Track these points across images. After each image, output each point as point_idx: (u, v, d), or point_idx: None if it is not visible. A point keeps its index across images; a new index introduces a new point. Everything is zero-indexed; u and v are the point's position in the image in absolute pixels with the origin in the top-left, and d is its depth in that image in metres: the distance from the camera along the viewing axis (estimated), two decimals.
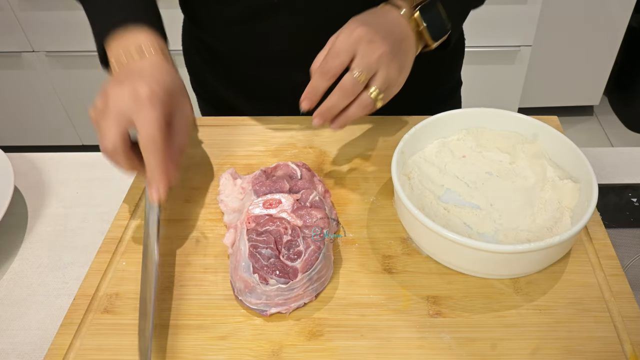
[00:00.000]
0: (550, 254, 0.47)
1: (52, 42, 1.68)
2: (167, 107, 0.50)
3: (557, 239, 0.44)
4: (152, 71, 0.51)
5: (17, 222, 0.61)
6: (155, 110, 0.48)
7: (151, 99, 0.48)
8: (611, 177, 0.65)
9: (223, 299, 0.49)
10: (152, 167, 0.48)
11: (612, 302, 0.47)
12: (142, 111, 0.47)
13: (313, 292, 0.47)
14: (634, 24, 1.80)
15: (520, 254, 0.45)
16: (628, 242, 0.61)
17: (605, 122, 2.05)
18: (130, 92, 0.48)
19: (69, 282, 0.54)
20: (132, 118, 0.48)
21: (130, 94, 0.48)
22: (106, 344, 0.46)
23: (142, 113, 0.47)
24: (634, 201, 0.64)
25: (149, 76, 0.50)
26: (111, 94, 0.49)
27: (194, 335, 0.46)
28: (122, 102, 0.48)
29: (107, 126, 0.48)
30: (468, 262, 0.48)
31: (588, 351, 0.44)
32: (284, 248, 0.47)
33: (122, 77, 0.50)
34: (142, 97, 0.47)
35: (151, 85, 0.48)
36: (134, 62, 0.52)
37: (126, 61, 0.52)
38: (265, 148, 0.65)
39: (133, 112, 0.47)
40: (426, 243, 0.50)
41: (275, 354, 0.44)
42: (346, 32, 0.50)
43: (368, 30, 0.50)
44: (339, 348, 0.45)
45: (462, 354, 0.44)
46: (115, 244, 0.54)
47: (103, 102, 0.49)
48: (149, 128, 0.47)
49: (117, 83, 0.49)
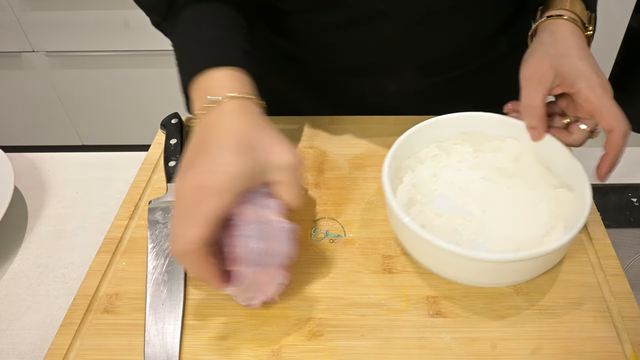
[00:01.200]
0: (538, 264, 0.46)
1: (52, 42, 1.68)
2: (239, 193, 0.41)
3: (544, 249, 0.43)
4: (226, 135, 0.42)
5: (17, 222, 0.61)
6: (216, 204, 0.40)
7: (222, 187, 0.40)
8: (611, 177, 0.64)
9: (223, 299, 0.49)
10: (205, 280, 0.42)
11: (612, 302, 0.47)
12: (202, 205, 0.40)
13: None
14: (634, 24, 1.80)
15: (505, 263, 0.43)
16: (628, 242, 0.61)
17: None
18: (193, 190, 0.40)
19: (69, 282, 0.54)
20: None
21: (192, 192, 0.40)
22: (106, 344, 0.46)
23: (202, 210, 0.40)
24: (634, 201, 0.64)
25: (222, 146, 0.41)
26: (180, 183, 0.42)
27: (194, 335, 0.46)
28: (187, 199, 0.40)
29: (175, 222, 0.41)
30: (453, 270, 0.47)
31: (588, 351, 0.44)
32: None
33: (196, 145, 0.43)
34: (205, 187, 0.40)
35: (226, 165, 0.40)
36: (206, 115, 0.44)
37: (205, 112, 0.44)
38: None
39: (195, 209, 0.40)
40: (412, 248, 0.49)
41: (275, 354, 0.44)
42: (599, 90, 0.48)
43: (604, 78, 0.49)
44: (339, 348, 0.45)
45: (462, 354, 0.44)
46: (115, 244, 0.54)
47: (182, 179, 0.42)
48: (200, 229, 0.39)
49: (188, 168, 0.42)
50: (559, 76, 0.50)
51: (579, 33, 0.52)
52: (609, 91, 0.49)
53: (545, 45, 0.52)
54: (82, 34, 1.64)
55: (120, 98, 1.82)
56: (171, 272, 0.50)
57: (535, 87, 0.51)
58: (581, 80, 0.49)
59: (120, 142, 1.96)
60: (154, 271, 0.51)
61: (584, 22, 0.53)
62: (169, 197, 0.57)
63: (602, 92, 0.48)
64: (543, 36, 0.53)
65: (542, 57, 0.51)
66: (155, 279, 0.50)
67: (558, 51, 0.51)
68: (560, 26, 0.52)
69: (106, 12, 1.58)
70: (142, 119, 1.87)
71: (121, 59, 1.70)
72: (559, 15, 0.53)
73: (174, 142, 0.62)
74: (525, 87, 0.52)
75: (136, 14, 1.58)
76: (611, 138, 0.48)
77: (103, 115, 1.88)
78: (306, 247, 0.53)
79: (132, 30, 1.63)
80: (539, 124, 0.52)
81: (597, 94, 0.48)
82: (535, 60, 0.52)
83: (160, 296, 0.49)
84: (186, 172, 0.42)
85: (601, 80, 0.49)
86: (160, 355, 0.44)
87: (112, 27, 1.62)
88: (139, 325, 0.47)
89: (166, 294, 0.49)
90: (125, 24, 1.61)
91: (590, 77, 0.49)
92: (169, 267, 0.51)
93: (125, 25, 1.61)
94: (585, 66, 0.49)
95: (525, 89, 0.52)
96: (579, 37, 0.52)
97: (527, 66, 0.52)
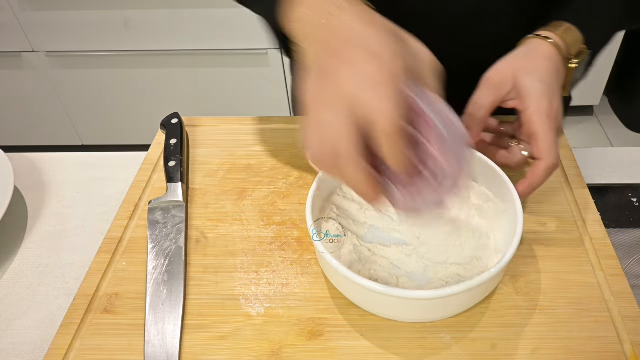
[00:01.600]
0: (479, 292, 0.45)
1: (52, 42, 1.68)
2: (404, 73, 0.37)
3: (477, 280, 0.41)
4: (371, 27, 0.37)
5: (17, 222, 0.61)
6: (397, 84, 0.35)
7: (392, 69, 0.35)
8: (611, 177, 0.65)
9: (223, 299, 0.49)
10: (393, 158, 0.36)
11: (612, 302, 0.47)
12: (381, 91, 0.34)
13: None
14: None
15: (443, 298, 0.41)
16: (628, 242, 0.61)
17: (605, 122, 2.05)
18: (357, 67, 0.35)
19: (69, 282, 0.54)
20: (367, 106, 0.35)
21: (358, 69, 0.35)
22: (106, 344, 0.46)
23: (382, 94, 0.34)
24: (634, 201, 0.64)
25: (371, 35, 0.36)
26: (329, 74, 0.36)
27: (194, 335, 0.46)
28: (350, 85, 0.35)
29: (332, 120, 0.35)
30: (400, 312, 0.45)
31: (588, 351, 0.44)
32: None
33: (332, 47, 0.37)
34: (375, 76, 0.35)
35: (381, 53, 0.35)
36: (334, 19, 0.38)
37: (324, 21, 0.39)
38: (265, 148, 0.65)
39: (368, 97, 0.34)
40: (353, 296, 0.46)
41: (275, 354, 0.44)
42: (544, 116, 0.48)
43: (558, 110, 0.49)
44: (339, 348, 0.45)
45: (462, 354, 0.44)
46: (115, 244, 0.54)
47: (318, 89, 0.37)
48: (391, 109, 0.34)
49: (331, 56, 0.37)
50: (515, 89, 0.50)
51: (556, 59, 0.51)
52: (554, 121, 0.49)
53: (516, 57, 0.52)
54: (82, 34, 1.64)
55: (120, 98, 1.82)
56: (171, 272, 0.50)
57: (490, 90, 0.51)
58: (531, 101, 0.49)
59: (120, 142, 1.96)
60: (154, 271, 0.51)
61: (570, 52, 0.53)
62: (169, 197, 0.57)
63: (547, 120, 0.48)
64: (520, 50, 0.53)
65: (507, 65, 0.52)
66: (155, 279, 0.50)
67: (524, 66, 0.51)
68: (540, 47, 0.52)
69: (106, 12, 1.58)
70: (142, 119, 1.87)
71: (121, 59, 1.71)
72: (546, 37, 0.52)
73: (174, 142, 0.62)
74: (481, 87, 0.52)
75: (136, 14, 1.59)
76: (535, 166, 0.49)
77: (103, 115, 1.89)
78: (306, 247, 0.53)
79: (132, 30, 1.63)
80: (475, 125, 0.52)
81: (540, 119, 0.48)
82: (500, 67, 0.52)
83: (160, 296, 0.49)
84: (334, 69, 0.36)
85: (551, 108, 0.49)
86: (160, 355, 0.44)
87: (112, 27, 1.62)
88: (139, 325, 0.47)
89: (166, 294, 0.49)
90: (125, 24, 1.61)
91: (541, 101, 0.48)
92: (169, 267, 0.51)
93: (125, 25, 1.61)
94: (542, 89, 0.49)
95: (480, 89, 0.52)
96: (551, 62, 0.51)
97: (491, 70, 0.52)
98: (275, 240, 0.54)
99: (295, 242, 0.54)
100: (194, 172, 0.62)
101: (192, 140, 0.67)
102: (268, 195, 0.59)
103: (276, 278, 0.50)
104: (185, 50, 1.67)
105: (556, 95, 0.50)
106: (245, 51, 1.66)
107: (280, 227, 0.55)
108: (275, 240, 0.54)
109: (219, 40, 1.64)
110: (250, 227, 0.56)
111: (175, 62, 1.71)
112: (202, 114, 0.72)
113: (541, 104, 0.48)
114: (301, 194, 0.59)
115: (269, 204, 0.58)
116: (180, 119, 0.66)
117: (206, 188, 0.60)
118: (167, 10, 1.58)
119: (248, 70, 1.72)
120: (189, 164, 0.63)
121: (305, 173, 0.61)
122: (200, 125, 0.69)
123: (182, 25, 1.62)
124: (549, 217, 0.55)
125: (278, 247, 0.53)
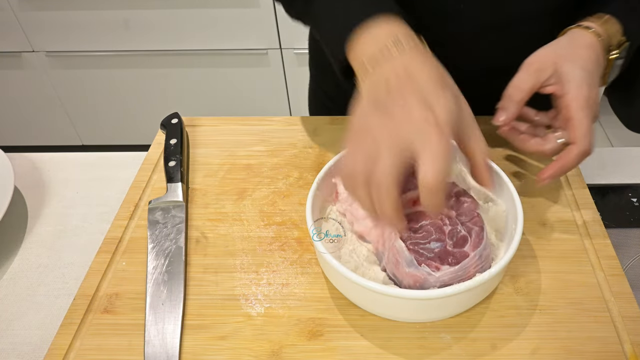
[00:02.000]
0: (480, 291, 0.45)
1: (52, 42, 1.68)
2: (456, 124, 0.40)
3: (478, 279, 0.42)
4: (428, 74, 0.40)
5: (17, 222, 0.61)
6: (448, 138, 0.38)
7: (444, 121, 0.38)
8: (611, 177, 0.65)
9: (223, 299, 0.49)
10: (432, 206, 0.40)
11: (612, 302, 0.47)
12: (432, 141, 0.37)
13: (481, 270, 0.44)
14: None
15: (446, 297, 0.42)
16: (628, 242, 0.61)
17: (605, 122, 2.05)
18: (413, 112, 0.38)
19: (69, 282, 0.54)
20: (415, 150, 0.38)
21: (414, 114, 0.38)
22: (106, 344, 0.46)
23: (432, 144, 0.37)
24: (634, 201, 0.64)
25: (428, 83, 0.39)
26: (386, 112, 0.39)
27: (194, 335, 0.46)
28: (403, 127, 0.38)
29: (382, 153, 0.38)
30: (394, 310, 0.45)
31: (588, 351, 0.44)
32: (448, 238, 0.45)
33: (390, 87, 0.40)
34: (430, 120, 0.37)
35: (439, 99, 0.39)
36: (393, 59, 0.41)
37: (383, 59, 0.42)
38: (265, 148, 0.65)
39: (419, 142, 0.37)
40: (353, 296, 0.47)
41: (275, 354, 0.44)
42: (582, 102, 0.48)
43: (595, 98, 0.49)
44: (339, 348, 0.45)
45: (462, 354, 0.44)
46: (115, 244, 0.54)
47: (368, 121, 0.40)
48: (439, 164, 0.37)
49: (389, 95, 0.40)
50: (555, 75, 0.51)
51: (597, 48, 0.52)
52: (592, 109, 0.49)
53: (558, 45, 0.53)
54: (82, 34, 1.64)
55: (120, 98, 1.82)
56: (171, 272, 0.50)
57: (530, 74, 0.51)
58: (571, 86, 0.49)
59: (120, 142, 1.96)
60: (154, 271, 0.51)
61: (611, 42, 0.53)
62: (169, 197, 0.57)
63: (585, 106, 0.49)
64: (562, 39, 0.54)
65: (549, 52, 0.52)
66: (155, 279, 0.50)
67: (566, 53, 0.51)
68: (581, 36, 0.52)
69: (106, 12, 1.58)
70: (142, 119, 1.87)
71: (121, 59, 1.71)
72: (587, 27, 0.53)
73: (174, 142, 0.62)
74: (521, 70, 0.52)
75: (136, 14, 1.59)
76: (568, 150, 0.49)
77: (103, 115, 1.89)
78: (306, 247, 0.53)
79: (132, 30, 1.63)
80: (512, 107, 0.52)
81: (578, 105, 0.48)
82: (542, 53, 0.52)
83: (160, 296, 0.49)
84: (388, 108, 0.39)
85: (590, 95, 0.49)
86: (160, 355, 0.44)
87: (112, 27, 1.62)
88: (139, 325, 0.47)
89: (166, 294, 0.49)
90: (125, 24, 1.61)
91: (581, 87, 0.49)
92: (169, 267, 0.51)
93: (125, 25, 1.61)
94: (582, 76, 0.49)
95: (520, 72, 0.52)
96: (593, 51, 0.51)
97: (533, 56, 0.53)
98: (275, 240, 0.54)
99: (295, 242, 0.54)
100: (194, 172, 0.62)
101: (192, 140, 0.67)
102: (268, 195, 0.59)
103: (276, 278, 0.50)
104: (185, 50, 1.67)
105: (595, 84, 0.50)
106: (245, 51, 1.66)
107: (280, 227, 0.55)
108: (275, 240, 0.54)
109: (219, 40, 1.64)
110: (250, 227, 0.55)
111: (175, 62, 1.71)
112: (202, 114, 0.72)
113: (581, 91, 0.49)
114: (301, 194, 0.59)
115: (269, 204, 0.58)
116: (180, 119, 0.66)
117: (206, 188, 0.60)
118: (167, 10, 1.58)
119: (248, 70, 1.72)
120: (189, 164, 0.63)
121: (305, 173, 0.61)
122: (200, 125, 0.69)
123: (182, 25, 1.62)
124: (549, 217, 0.55)
125: (278, 247, 0.53)
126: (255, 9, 1.56)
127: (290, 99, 1.80)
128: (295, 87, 1.75)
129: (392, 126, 0.39)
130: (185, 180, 0.60)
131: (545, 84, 0.51)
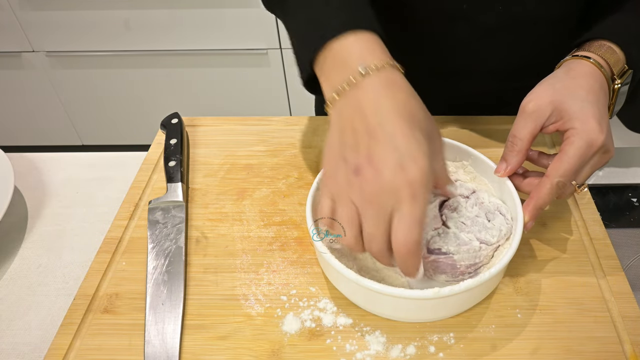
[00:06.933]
0: (475, 294, 0.45)
1: (52, 42, 1.68)
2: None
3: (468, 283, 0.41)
4: (396, 113, 0.38)
5: (17, 222, 0.61)
6: (421, 202, 0.37)
7: (418, 183, 0.36)
8: (611, 177, 0.65)
9: (223, 299, 0.49)
10: (407, 271, 0.40)
11: (612, 302, 0.47)
12: (403, 210, 0.37)
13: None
14: None
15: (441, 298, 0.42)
16: (628, 242, 0.61)
17: None
18: (384, 174, 0.37)
19: (69, 282, 0.54)
20: (390, 212, 0.37)
21: (385, 177, 0.36)
22: (106, 344, 0.46)
23: (404, 212, 0.37)
24: (634, 201, 0.64)
25: (396, 129, 0.37)
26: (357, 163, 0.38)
27: (194, 335, 0.46)
28: (374, 192, 0.37)
29: (367, 224, 0.38)
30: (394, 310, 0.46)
31: (588, 351, 0.44)
32: None
33: (357, 134, 0.38)
34: (401, 184, 0.36)
35: (411, 153, 0.37)
36: (359, 90, 0.39)
37: (349, 88, 0.40)
38: (265, 148, 0.65)
39: (390, 206, 0.37)
40: (353, 295, 0.47)
41: (275, 354, 0.44)
42: (584, 139, 0.44)
43: (605, 139, 0.44)
44: (338, 348, 0.45)
45: (462, 354, 0.44)
46: (115, 244, 0.54)
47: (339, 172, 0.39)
48: (411, 233, 0.37)
49: (356, 146, 0.38)
50: (556, 113, 0.47)
51: (598, 78, 0.48)
52: (593, 150, 0.45)
53: (555, 79, 0.48)
54: (82, 34, 1.64)
55: (120, 98, 1.82)
56: (171, 272, 0.50)
57: (527, 119, 0.47)
58: (575, 122, 0.45)
59: (120, 142, 1.96)
60: (154, 271, 0.51)
61: (613, 72, 0.49)
62: (169, 197, 0.57)
63: (584, 145, 0.44)
64: (559, 71, 0.50)
65: (545, 90, 0.48)
66: (155, 279, 0.50)
67: (565, 86, 0.47)
68: (580, 66, 0.48)
69: (106, 12, 1.58)
70: (142, 119, 1.87)
71: (121, 59, 1.71)
72: (586, 57, 0.49)
73: (174, 142, 0.62)
74: (518, 117, 0.48)
75: (136, 14, 1.59)
76: (541, 184, 0.46)
77: (103, 115, 1.89)
78: (306, 247, 0.53)
79: (132, 30, 1.63)
80: (512, 158, 0.48)
81: (579, 142, 0.44)
82: (537, 92, 0.48)
83: (160, 296, 0.49)
84: (359, 167, 0.38)
85: (599, 130, 0.44)
86: (160, 355, 0.44)
87: (112, 27, 1.62)
88: (139, 325, 0.47)
89: (166, 294, 0.49)
90: (125, 24, 1.61)
91: (587, 121, 0.44)
92: (169, 267, 0.51)
93: (125, 25, 1.61)
94: (586, 108, 0.45)
95: (518, 119, 0.48)
96: (595, 80, 0.47)
97: (528, 96, 0.48)
98: (275, 240, 0.54)
99: (295, 242, 0.54)
100: (194, 172, 0.62)
101: (192, 140, 0.67)
102: (268, 195, 0.59)
103: (276, 278, 0.50)
104: (185, 50, 1.67)
105: (604, 116, 0.46)
106: (245, 51, 1.66)
107: (280, 227, 0.55)
108: (275, 240, 0.54)
109: (219, 40, 1.64)
110: (250, 227, 0.56)
111: (175, 62, 1.71)
112: (202, 114, 0.72)
113: (586, 124, 0.44)
114: (301, 194, 0.59)
115: (269, 204, 0.58)
116: (180, 119, 0.66)
117: (206, 188, 0.60)
118: (167, 10, 1.58)
119: (248, 70, 1.72)
120: (189, 164, 0.63)
121: (305, 173, 0.61)
122: (200, 125, 0.69)
123: (182, 25, 1.62)
124: (549, 217, 0.55)
125: (278, 247, 0.53)
126: (255, 9, 1.56)
127: (290, 99, 1.80)
128: (295, 87, 1.75)
129: (365, 188, 0.37)
130: (185, 180, 0.60)
131: (547, 124, 0.47)
